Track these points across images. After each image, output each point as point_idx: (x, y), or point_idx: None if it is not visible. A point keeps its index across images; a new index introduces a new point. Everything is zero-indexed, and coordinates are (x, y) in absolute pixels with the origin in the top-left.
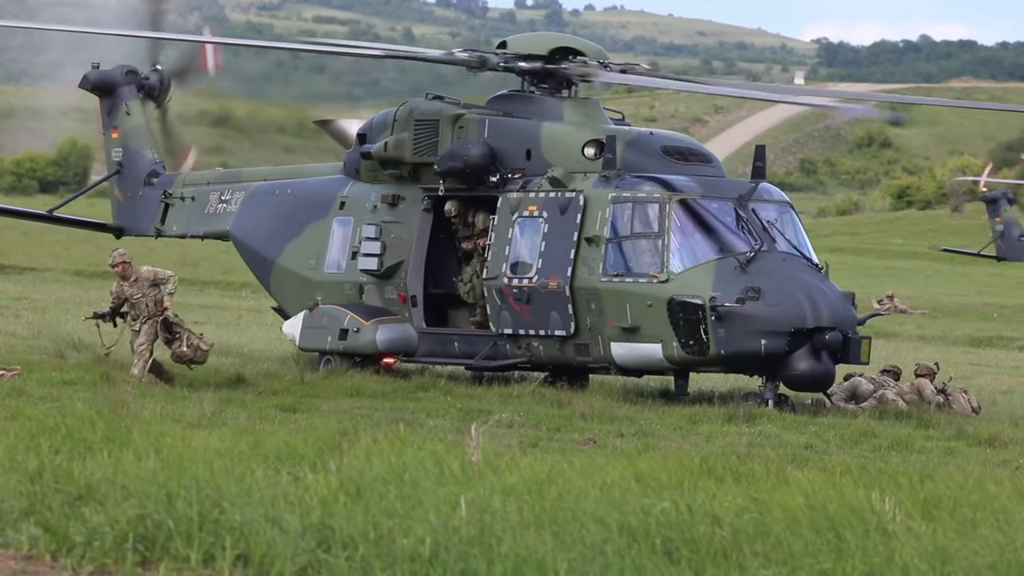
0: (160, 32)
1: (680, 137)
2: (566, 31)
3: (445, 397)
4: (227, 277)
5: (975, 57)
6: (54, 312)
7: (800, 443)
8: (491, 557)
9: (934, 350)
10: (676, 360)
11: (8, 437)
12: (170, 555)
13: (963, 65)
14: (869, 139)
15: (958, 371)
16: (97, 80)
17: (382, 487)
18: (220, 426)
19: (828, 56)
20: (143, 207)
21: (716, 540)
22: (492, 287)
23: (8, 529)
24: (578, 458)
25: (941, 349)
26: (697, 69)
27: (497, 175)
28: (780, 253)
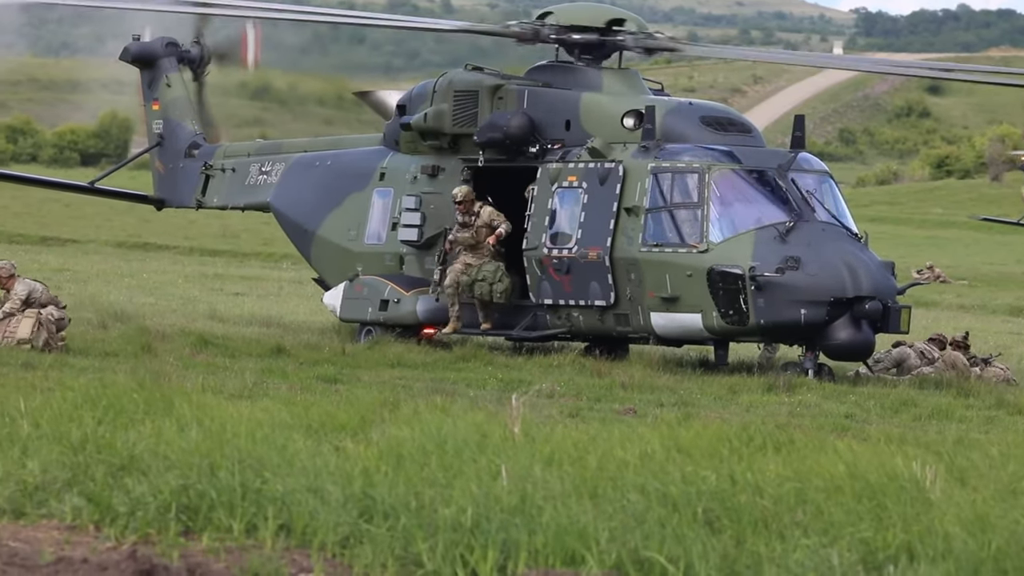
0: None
1: (719, 107)
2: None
3: (486, 367)
4: (268, 248)
5: (1014, 26)
6: (96, 284)
7: (840, 412)
8: (532, 526)
9: (974, 319)
10: (716, 330)
11: (51, 408)
12: (213, 525)
13: (1002, 34)
14: (908, 109)
15: (998, 340)
16: (138, 52)
17: (423, 457)
18: (261, 397)
19: (867, 26)
20: (184, 179)
21: (757, 509)
22: (532, 257)
23: (52, 500)
24: (618, 428)
25: (981, 318)
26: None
27: (536, 146)
28: (819, 223)
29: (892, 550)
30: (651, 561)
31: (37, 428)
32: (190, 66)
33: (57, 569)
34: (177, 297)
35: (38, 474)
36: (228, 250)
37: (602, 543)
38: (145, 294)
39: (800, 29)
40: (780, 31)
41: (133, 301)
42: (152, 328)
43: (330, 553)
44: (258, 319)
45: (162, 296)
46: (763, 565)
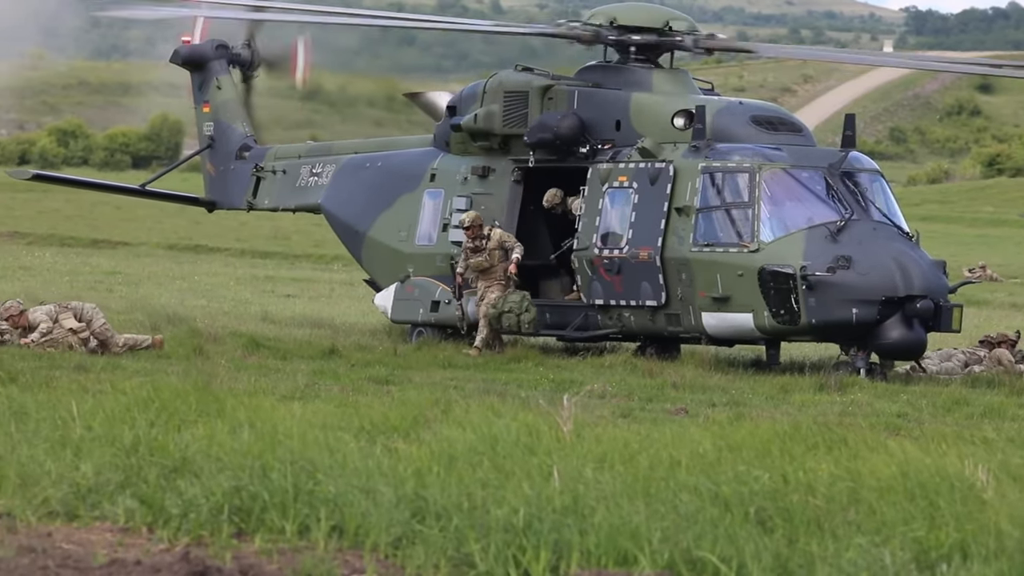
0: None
1: (770, 107)
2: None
3: (537, 368)
4: (319, 250)
5: None
6: (147, 286)
7: (892, 411)
8: (584, 527)
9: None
10: (767, 329)
11: (104, 411)
12: (265, 526)
13: None
14: (959, 107)
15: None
16: (188, 55)
17: (475, 458)
18: (313, 398)
19: (917, 24)
20: (235, 180)
21: (809, 509)
22: (583, 258)
23: (105, 502)
24: (670, 428)
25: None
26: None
27: (587, 146)
28: (871, 222)
29: (945, 549)
30: (703, 561)
31: (90, 430)
32: (240, 68)
33: (110, 571)
34: (229, 299)
35: (91, 476)
36: (279, 252)
37: (654, 543)
38: (197, 296)
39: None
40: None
41: (185, 304)
42: (204, 330)
43: (382, 554)
44: (310, 321)
45: (214, 298)
46: (815, 564)
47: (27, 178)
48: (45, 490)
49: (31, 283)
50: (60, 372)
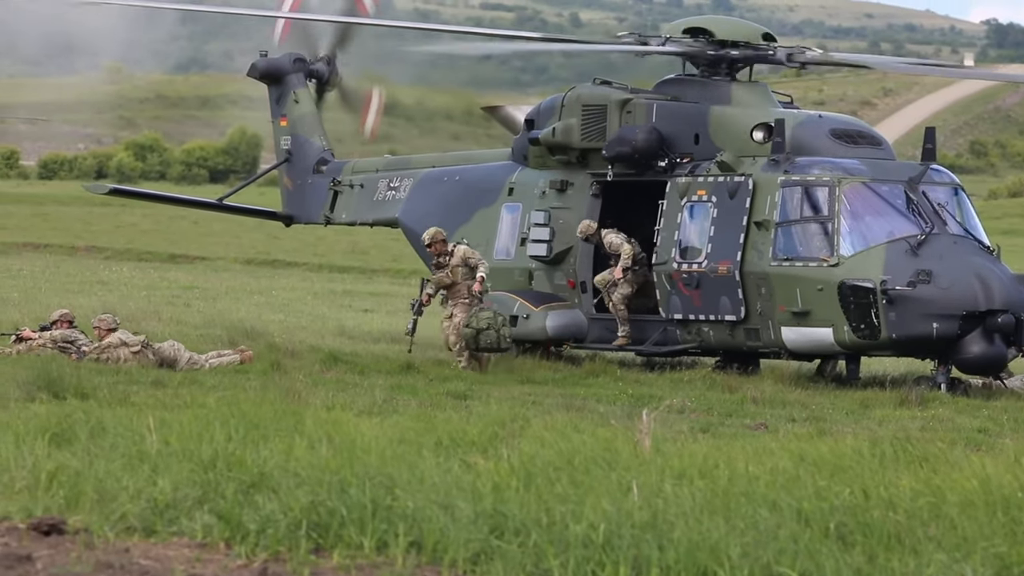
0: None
1: (849, 120)
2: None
3: (616, 383)
4: (396, 264)
5: None
6: (225, 301)
7: (973, 427)
8: (663, 542)
9: None
10: (847, 344)
11: (181, 426)
12: (343, 542)
13: None
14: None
15: None
16: (265, 68)
17: (553, 473)
18: (391, 413)
19: (997, 37)
20: (312, 195)
21: (890, 524)
22: (662, 272)
23: (183, 517)
24: (749, 443)
25: None
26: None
27: (665, 160)
28: (951, 236)
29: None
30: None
31: (167, 446)
32: (317, 82)
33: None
34: (306, 314)
35: (169, 492)
36: (357, 266)
37: (734, 559)
38: (274, 311)
39: (930, 41)
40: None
41: (262, 318)
42: (282, 345)
43: (461, 570)
44: (387, 335)
45: (291, 313)
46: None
47: (105, 192)
48: (123, 506)
49: (109, 298)
50: (137, 387)
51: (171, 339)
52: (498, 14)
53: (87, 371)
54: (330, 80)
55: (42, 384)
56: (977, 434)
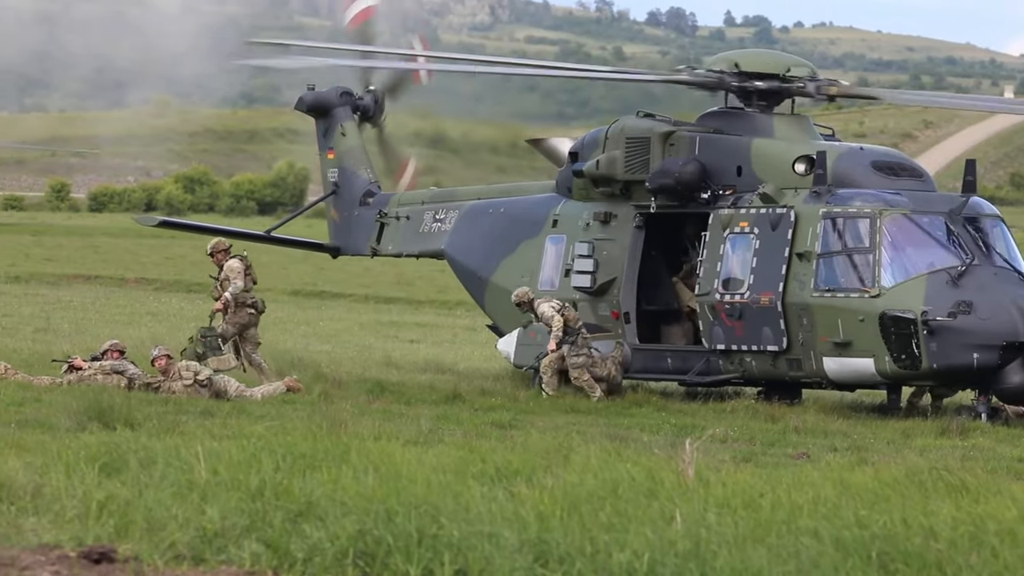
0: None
1: (890, 152)
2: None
3: (659, 413)
4: (442, 296)
5: None
6: (273, 332)
7: (1014, 456)
8: (706, 571)
9: None
10: (888, 374)
11: (230, 455)
12: (389, 570)
13: None
14: None
15: None
16: (312, 102)
17: (597, 502)
18: (437, 443)
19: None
20: (359, 226)
21: (931, 553)
22: (704, 303)
23: (231, 546)
24: (792, 472)
25: None
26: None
27: (708, 191)
28: (991, 267)
29: None
30: None
31: (216, 475)
32: (365, 114)
33: None
34: (353, 345)
35: (217, 521)
36: (403, 297)
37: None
38: (321, 342)
39: (970, 74)
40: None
41: (309, 349)
42: (329, 375)
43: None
44: (433, 366)
45: (338, 344)
46: None
47: (154, 224)
48: (172, 534)
49: (158, 329)
50: (186, 417)
51: None
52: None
53: (137, 401)
54: (375, 116)
55: (93, 414)
56: (1017, 463)
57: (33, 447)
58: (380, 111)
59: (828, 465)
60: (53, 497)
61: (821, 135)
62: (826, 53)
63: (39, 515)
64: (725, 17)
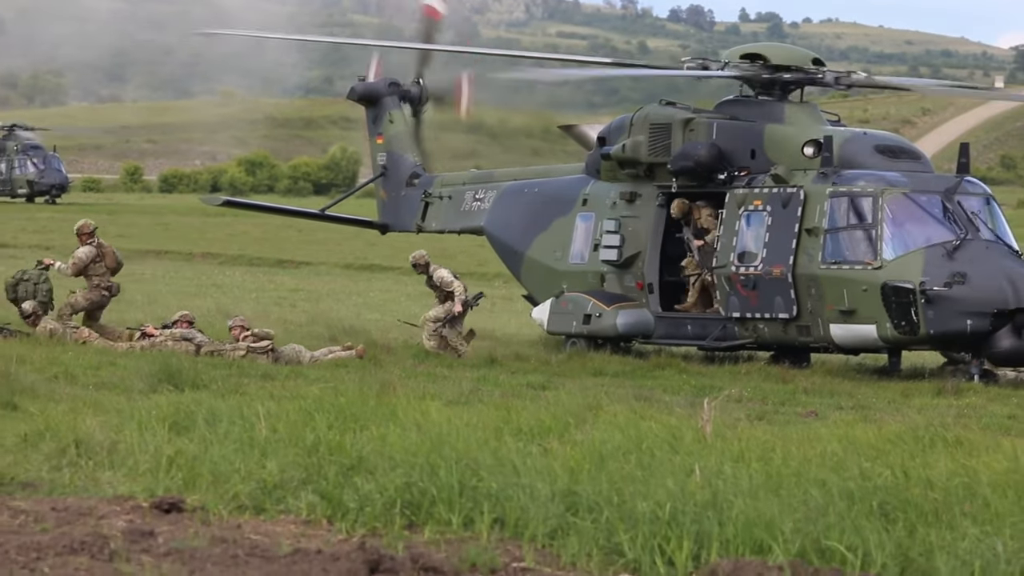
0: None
1: (891, 136)
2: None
3: (680, 375)
4: (481, 268)
5: None
6: (327, 302)
7: (1004, 413)
8: (723, 519)
9: None
10: (889, 339)
11: (288, 415)
12: (434, 519)
13: None
14: None
15: None
16: (363, 91)
17: (623, 456)
18: (476, 403)
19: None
20: (406, 206)
21: (928, 502)
22: (721, 275)
23: (289, 497)
24: (801, 429)
25: None
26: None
27: (725, 173)
28: (983, 241)
29: None
30: (832, 550)
31: (275, 432)
32: (410, 103)
33: (294, 560)
34: (400, 313)
35: (276, 474)
36: None
37: (787, 534)
38: (371, 311)
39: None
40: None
41: (360, 317)
42: (378, 341)
43: (540, 544)
44: None
45: (386, 312)
46: (934, 553)
47: (219, 204)
48: (235, 486)
49: (223, 299)
50: (248, 380)
51: (291, 343)
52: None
53: (203, 365)
54: (421, 102)
55: (163, 377)
56: (1007, 420)
57: (109, 407)
58: (424, 102)
59: (834, 422)
60: (127, 453)
61: (828, 121)
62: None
63: (115, 469)
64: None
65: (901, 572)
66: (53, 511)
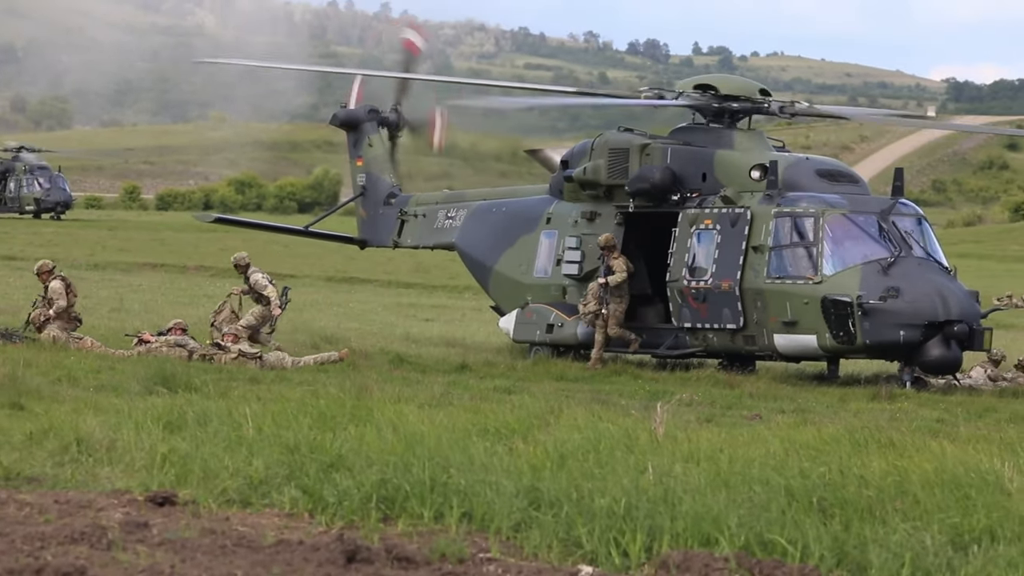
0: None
1: (831, 162)
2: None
3: (635, 381)
4: (453, 281)
5: None
6: (310, 311)
7: (933, 417)
8: (674, 514)
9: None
10: (828, 348)
11: (272, 416)
12: (407, 513)
13: None
14: (990, 162)
15: None
16: (345, 117)
17: (582, 456)
18: (448, 405)
19: (955, 93)
20: (383, 223)
21: (863, 499)
22: (674, 288)
23: (273, 492)
24: (746, 431)
25: None
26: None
27: (678, 194)
28: (916, 258)
29: (976, 533)
30: (774, 543)
31: (260, 432)
32: (388, 128)
33: (278, 549)
34: (377, 322)
35: (262, 470)
36: (420, 283)
37: (732, 528)
38: (351, 320)
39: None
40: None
41: (340, 326)
42: (357, 348)
43: (505, 536)
44: (445, 340)
45: (365, 322)
46: (868, 546)
47: (210, 220)
48: (224, 482)
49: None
50: (236, 383)
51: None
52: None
53: (195, 369)
54: (399, 126)
55: (158, 380)
56: (936, 423)
57: (108, 408)
58: (401, 127)
59: (777, 425)
60: (124, 450)
61: (773, 147)
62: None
63: (112, 465)
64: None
65: (837, 564)
66: (56, 504)
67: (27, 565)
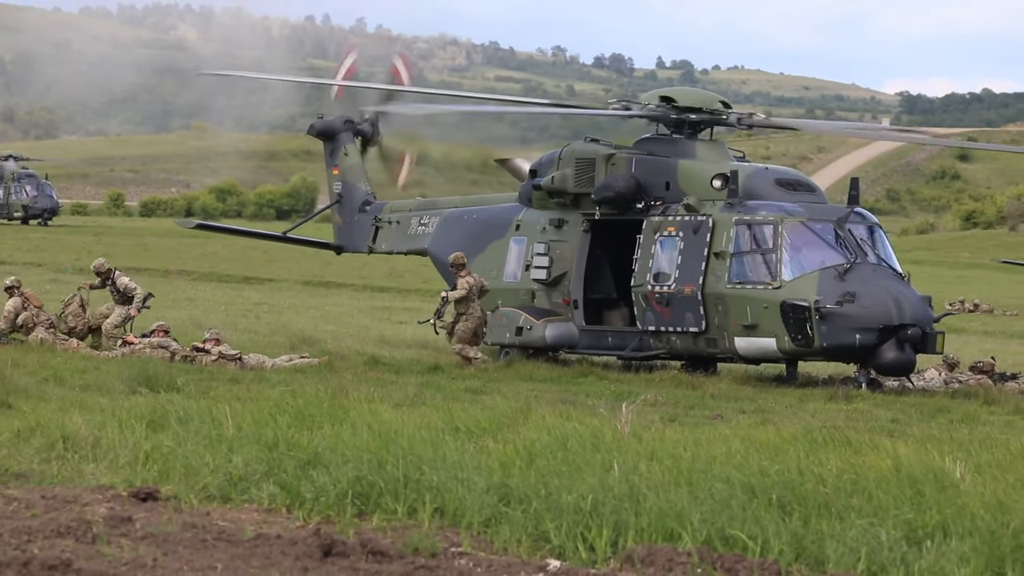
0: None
1: (790, 171)
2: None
3: (601, 382)
4: (426, 286)
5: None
6: (288, 314)
7: (888, 417)
8: (639, 510)
9: (995, 343)
10: (787, 351)
11: (252, 415)
12: (381, 508)
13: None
14: (942, 173)
15: (1017, 360)
16: (321, 128)
17: (550, 454)
18: (421, 405)
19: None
20: (358, 229)
21: (820, 496)
22: (639, 293)
23: (252, 488)
24: (708, 430)
25: (1001, 342)
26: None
27: (642, 202)
28: (871, 264)
29: (929, 528)
30: (735, 538)
31: (240, 430)
32: (362, 139)
33: (257, 543)
34: (353, 325)
35: (241, 467)
36: (394, 287)
37: (695, 524)
38: (327, 323)
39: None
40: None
41: (317, 328)
42: (332, 350)
43: (476, 531)
44: (418, 343)
45: (341, 324)
46: (825, 541)
47: (192, 227)
48: (204, 478)
49: (195, 311)
50: (217, 383)
51: (254, 352)
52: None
53: (177, 370)
54: (373, 138)
55: (141, 380)
56: (891, 423)
57: (93, 407)
58: (377, 134)
59: (738, 424)
60: (108, 447)
61: (734, 157)
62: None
63: (97, 462)
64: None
65: (796, 558)
66: (42, 499)
67: (14, 558)
